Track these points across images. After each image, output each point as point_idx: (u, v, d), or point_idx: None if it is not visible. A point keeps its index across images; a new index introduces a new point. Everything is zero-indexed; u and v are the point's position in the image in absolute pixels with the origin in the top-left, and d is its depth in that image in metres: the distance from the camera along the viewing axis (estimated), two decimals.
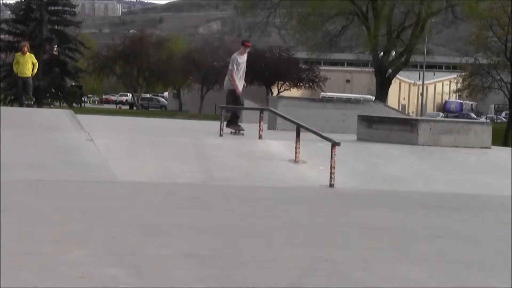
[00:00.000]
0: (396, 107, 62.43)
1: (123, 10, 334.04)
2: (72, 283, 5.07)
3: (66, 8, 61.36)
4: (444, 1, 46.95)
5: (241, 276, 5.55)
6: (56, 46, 59.69)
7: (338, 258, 6.36)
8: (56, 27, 60.04)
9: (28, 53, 21.16)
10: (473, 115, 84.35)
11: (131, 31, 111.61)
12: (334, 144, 11.88)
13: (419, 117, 35.83)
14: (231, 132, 15.95)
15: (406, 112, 72.39)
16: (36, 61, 21.40)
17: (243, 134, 15.84)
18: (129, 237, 6.85)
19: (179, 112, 69.82)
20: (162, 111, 74.63)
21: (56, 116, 16.12)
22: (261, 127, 15.10)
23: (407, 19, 47.27)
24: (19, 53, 21.47)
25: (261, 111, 15.97)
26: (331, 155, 11.83)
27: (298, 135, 13.07)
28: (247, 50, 16.56)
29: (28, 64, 20.95)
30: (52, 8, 60.37)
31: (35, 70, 21.18)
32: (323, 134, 12.92)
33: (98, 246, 6.27)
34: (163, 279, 5.33)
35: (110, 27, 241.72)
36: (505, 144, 35.26)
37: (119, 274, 5.34)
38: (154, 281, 5.26)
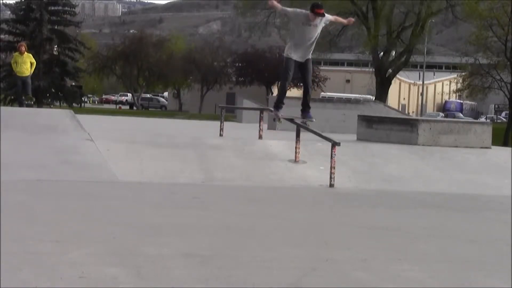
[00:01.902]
0: (396, 107, 62.44)
1: (123, 10, 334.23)
2: (72, 283, 5.06)
3: (66, 8, 61.42)
4: (444, 1, 47.00)
5: (241, 276, 5.55)
6: (56, 46, 59.72)
7: (338, 258, 6.36)
8: (56, 27, 60.07)
9: (26, 52, 21.16)
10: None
11: (131, 31, 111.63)
12: (334, 144, 11.88)
13: (419, 117, 35.85)
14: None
15: (406, 112, 72.40)
16: (34, 60, 21.39)
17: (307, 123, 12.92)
18: (129, 237, 6.85)
19: (179, 112, 69.81)
20: (162, 111, 74.64)
21: (56, 116, 16.11)
22: (261, 127, 15.10)
23: (407, 19, 47.34)
24: (17, 53, 21.47)
25: (261, 111, 15.97)
26: (331, 155, 11.82)
27: (298, 135, 13.07)
28: (317, 18, 11.94)
29: (26, 64, 20.96)
30: (52, 8, 60.40)
31: (33, 69, 21.17)
32: (323, 134, 12.92)
33: (98, 246, 6.26)
34: (163, 279, 5.33)
35: (110, 27, 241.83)
36: (505, 144, 35.27)
37: (119, 274, 5.34)
38: (154, 281, 5.25)
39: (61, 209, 8.32)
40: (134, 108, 79.03)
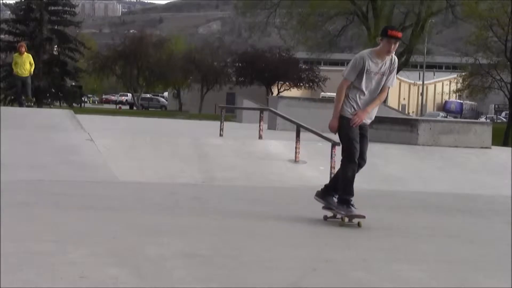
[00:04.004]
0: (396, 107, 62.45)
1: (123, 10, 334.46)
2: (72, 283, 5.06)
3: (66, 8, 61.42)
4: (444, 1, 47.04)
5: (241, 276, 5.55)
6: (56, 46, 59.73)
7: (338, 258, 6.36)
8: (56, 27, 60.06)
9: (25, 53, 21.16)
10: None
11: (131, 31, 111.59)
12: (334, 144, 11.88)
13: (419, 117, 35.86)
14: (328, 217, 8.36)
15: (406, 112, 72.37)
16: (33, 61, 21.39)
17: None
18: (129, 237, 6.85)
19: (179, 112, 69.79)
20: (162, 111, 74.63)
21: (56, 116, 16.11)
22: (261, 127, 15.10)
23: (407, 19, 47.39)
24: (16, 54, 21.49)
25: (261, 111, 15.97)
26: (331, 155, 11.83)
27: (298, 135, 13.08)
28: (393, 46, 8.18)
29: (26, 64, 20.96)
30: (52, 8, 60.39)
31: (32, 70, 21.17)
32: (323, 134, 12.92)
33: (98, 246, 6.26)
34: (163, 279, 5.32)
35: (110, 27, 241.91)
36: (505, 144, 35.28)
37: (119, 274, 5.34)
38: (154, 281, 5.25)
39: (61, 209, 8.32)
40: (134, 108, 79.02)
